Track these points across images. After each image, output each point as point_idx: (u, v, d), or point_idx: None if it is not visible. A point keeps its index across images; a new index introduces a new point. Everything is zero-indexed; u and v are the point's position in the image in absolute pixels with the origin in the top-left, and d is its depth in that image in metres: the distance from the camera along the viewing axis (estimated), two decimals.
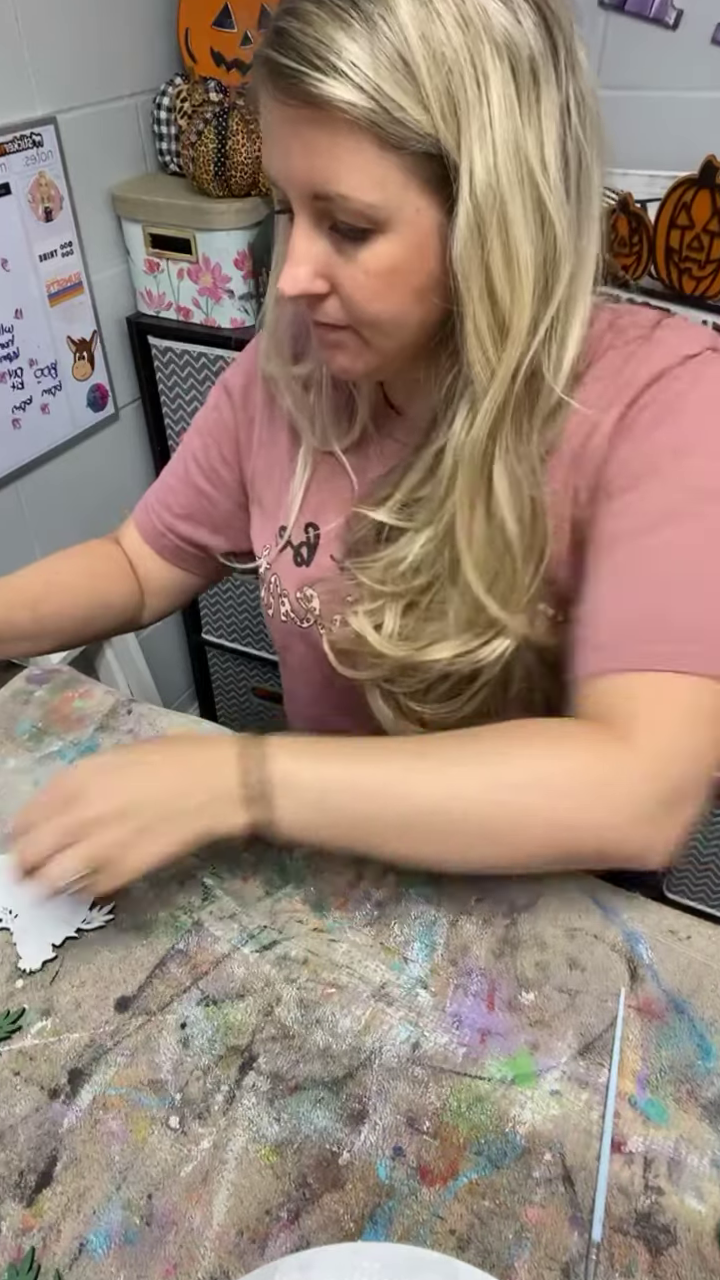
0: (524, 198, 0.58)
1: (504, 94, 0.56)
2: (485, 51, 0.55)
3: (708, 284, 1.31)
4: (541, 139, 0.58)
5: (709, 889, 1.78)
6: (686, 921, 0.68)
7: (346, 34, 0.54)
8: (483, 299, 0.59)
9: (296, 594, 0.84)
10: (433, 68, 0.54)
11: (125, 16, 1.48)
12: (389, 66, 0.54)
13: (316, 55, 0.54)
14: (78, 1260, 0.52)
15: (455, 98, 0.55)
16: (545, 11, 0.57)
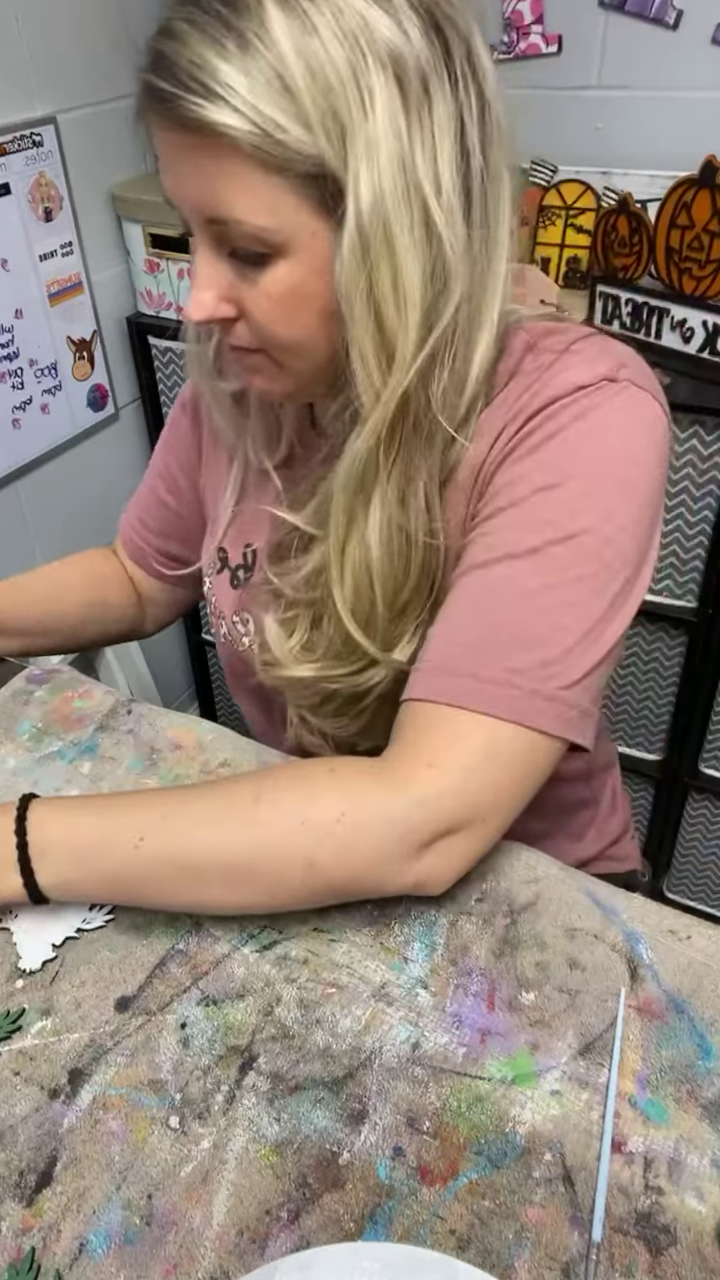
0: (412, 219, 0.56)
1: (390, 109, 0.53)
2: (368, 66, 0.52)
3: (708, 284, 1.31)
4: (434, 155, 0.55)
5: (709, 889, 1.78)
6: (686, 921, 0.68)
7: (221, 55, 0.52)
8: (367, 324, 0.58)
9: (233, 616, 0.83)
10: (312, 86, 0.52)
11: (125, 16, 1.49)
12: (267, 87, 0.52)
13: (192, 79, 0.52)
14: (78, 1260, 0.52)
15: (339, 116, 0.53)
16: (436, 16, 0.55)
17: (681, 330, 1.34)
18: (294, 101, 0.52)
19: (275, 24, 0.52)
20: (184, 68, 0.53)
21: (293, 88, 0.52)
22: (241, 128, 0.52)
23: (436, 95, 0.55)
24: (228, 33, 0.52)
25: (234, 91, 0.52)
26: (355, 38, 0.52)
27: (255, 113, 0.52)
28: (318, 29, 0.52)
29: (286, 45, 0.51)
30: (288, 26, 0.52)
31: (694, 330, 1.33)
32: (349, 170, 0.54)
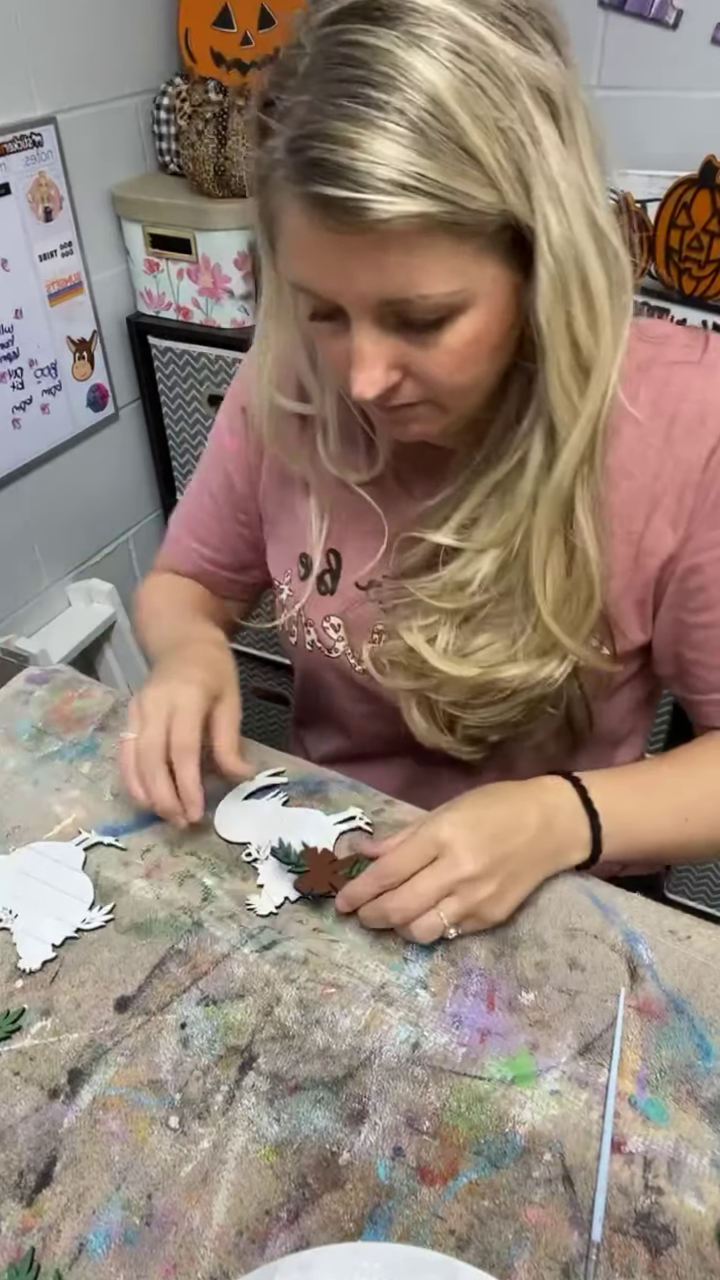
0: (592, 235, 0.57)
1: (554, 140, 0.53)
2: (529, 104, 0.52)
3: (708, 284, 1.31)
4: (584, 167, 0.56)
5: (709, 889, 1.78)
6: (686, 921, 0.68)
7: (394, 141, 0.49)
8: (566, 348, 0.59)
9: (323, 623, 0.83)
10: (492, 144, 0.51)
11: (125, 16, 1.48)
12: (452, 159, 0.50)
13: (374, 177, 0.50)
14: (78, 1260, 0.52)
15: (520, 166, 0.52)
16: (555, 36, 0.55)
17: None
18: (479, 166, 0.51)
19: (438, 88, 0.49)
20: (361, 169, 0.50)
21: (475, 152, 0.51)
22: (435, 210, 0.51)
23: (574, 107, 0.55)
24: (393, 115, 0.49)
25: (424, 178, 0.50)
26: (511, 82, 0.51)
27: (447, 190, 0.50)
28: (480, 84, 0.50)
29: (459, 110, 0.50)
30: (453, 88, 0.50)
31: None
32: (536, 215, 0.54)
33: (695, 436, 0.67)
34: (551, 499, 0.65)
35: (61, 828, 0.77)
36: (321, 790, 0.79)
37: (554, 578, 0.68)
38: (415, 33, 0.50)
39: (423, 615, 0.73)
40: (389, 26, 0.50)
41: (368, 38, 0.50)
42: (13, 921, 0.69)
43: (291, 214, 0.55)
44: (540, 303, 0.57)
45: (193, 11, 1.53)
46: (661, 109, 1.44)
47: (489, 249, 0.55)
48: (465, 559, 0.70)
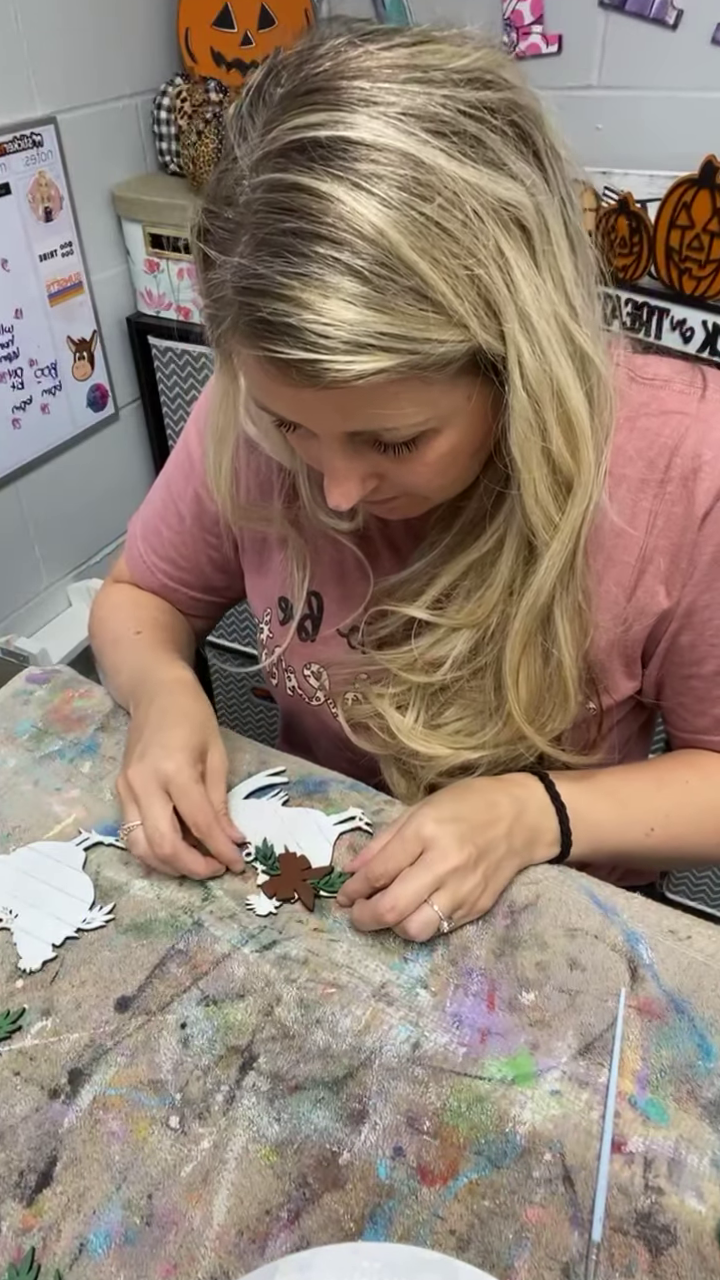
0: (569, 360, 0.54)
1: (526, 268, 0.50)
2: (496, 234, 0.48)
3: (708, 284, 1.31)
4: (564, 282, 0.53)
5: (709, 889, 1.78)
6: (686, 921, 0.68)
7: (347, 301, 0.46)
8: (543, 473, 0.57)
9: (304, 670, 0.82)
10: (455, 285, 0.48)
11: (125, 16, 1.48)
12: (412, 310, 0.47)
13: (329, 339, 0.47)
14: (78, 1260, 0.52)
15: (489, 302, 0.49)
16: (520, 124, 0.50)
17: (681, 330, 1.34)
18: (442, 310, 0.48)
19: (391, 238, 0.46)
20: (315, 331, 0.47)
21: (436, 297, 0.47)
22: (396, 364, 0.48)
23: (550, 217, 0.51)
24: (344, 272, 0.46)
25: (382, 334, 0.47)
26: (474, 215, 0.47)
27: (409, 343, 0.48)
28: (435, 221, 0.47)
29: (413, 256, 0.46)
30: (405, 235, 0.46)
31: (694, 330, 1.33)
32: (508, 344, 0.51)
33: (688, 493, 0.65)
34: (528, 610, 0.63)
35: (62, 827, 0.77)
36: (322, 790, 0.79)
37: (527, 680, 0.66)
38: (363, 174, 0.46)
39: (394, 684, 0.73)
40: (334, 170, 0.46)
41: (312, 182, 0.46)
42: (13, 921, 0.69)
43: (246, 361, 0.53)
44: (513, 435, 0.54)
45: (193, 11, 1.53)
46: (661, 109, 1.44)
47: (460, 376, 0.52)
48: (438, 635, 0.69)
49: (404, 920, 0.64)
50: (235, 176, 0.49)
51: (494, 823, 0.68)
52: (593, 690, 0.72)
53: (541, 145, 0.52)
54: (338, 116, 0.47)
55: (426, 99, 0.47)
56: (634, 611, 0.69)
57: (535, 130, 0.51)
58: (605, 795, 0.73)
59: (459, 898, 0.65)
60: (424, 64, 0.49)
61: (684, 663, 0.72)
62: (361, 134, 0.46)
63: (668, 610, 0.69)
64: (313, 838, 0.74)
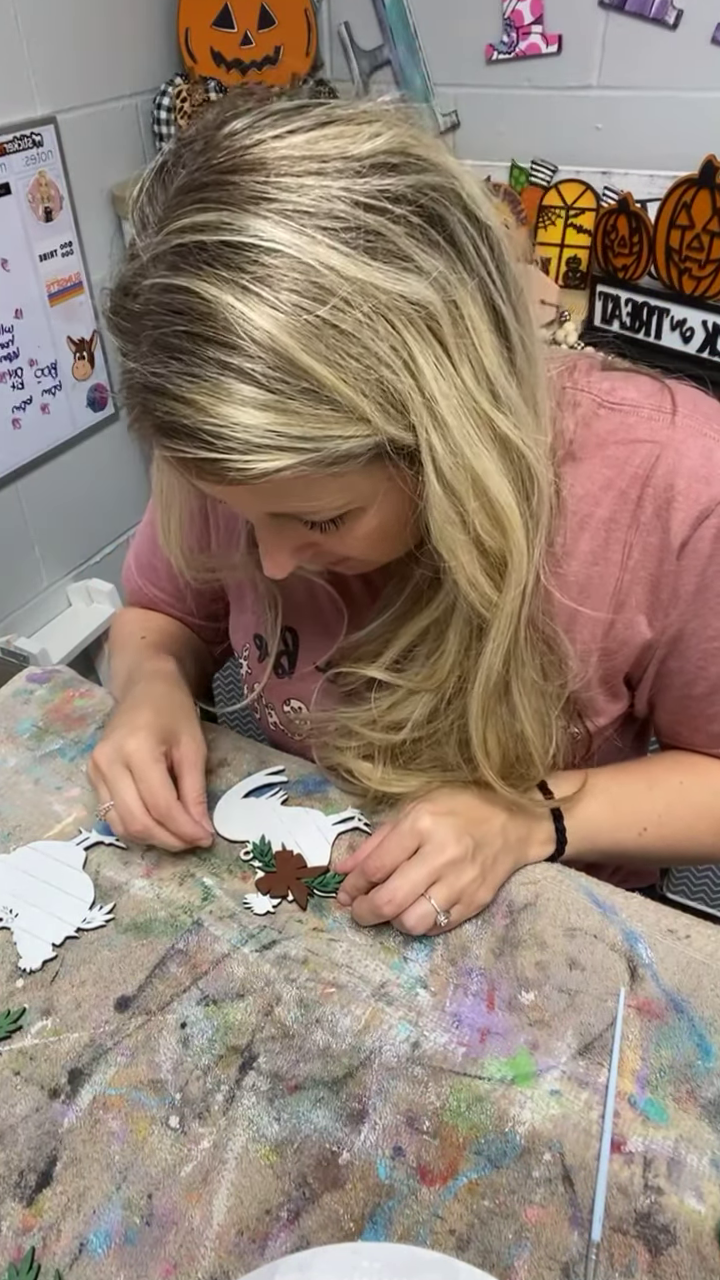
0: (489, 447, 0.52)
1: (433, 360, 0.49)
2: (399, 332, 0.47)
3: (708, 284, 1.32)
4: (483, 364, 0.51)
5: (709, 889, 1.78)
6: (686, 921, 0.68)
7: (241, 405, 0.46)
8: (470, 554, 0.55)
9: (284, 707, 0.82)
10: (357, 385, 0.47)
11: (125, 16, 1.49)
12: (309, 410, 0.47)
13: (225, 441, 0.46)
14: (78, 1260, 0.52)
15: (392, 395, 0.48)
16: (430, 210, 0.48)
17: (681, 330, 1.34)
18: (343, 410, 0.47)
19: (284, 343, 0.45)
20: (211, 433, 0.47)
21: (338, 399, 0.47)
22: (300, 461, 0.48)
23: (463, 300, 0.49)
24: (237, 375, 0.46)
25: (279, 435, 0.47)
26: (373, 314, 0.46)
27: (309, 443, 0.47)
28: (330, 323, 0.46)
29: (308, 360, 0.46)
30: (297, 339, 0.45)
31: (694, 330, 1.33)
32: (418, 438, 0.50)
33: (663, 524, 0.63)
34: (484, 686, 0.62)
35: (62, 827, 0.77)
36: (322, 790, 0.79)
37: (496, 747, 0.66)
38: (254, 276, 0.45)
39: (357, 739, 0.73)
40: (224, 272, 0.45)
41: (202, 287, 0.46)
42: (13, 921, 0.69)
43: (157, 450, 0.52)
44: (434, 525, 0.53)
45: (193, 11, 1.53)
46: (661, 109, 1.44)
47: (375, 463, 0.51)
48: (397, 696, 0.68)
49: (402, 914, 0.64)
50: (135, 268, 0.49)
51: (489, 818, 0.68)
52: (576, 716, 0.72)
53: (456, 225, 0.49)
54: (228, 218, 0.46)
55: (322, 193, 0.46)
56: (615, 643, 0.68)
57: (449, 210, 0.49)
58: (598, 795, 0.73)
59: (456, 890, 0.65)
60: (321, 153, 0.47)
61: (674, 685, 0.71)
62: (251, 238, 0.45)
63: (651, 640, 0.68)
64: (311, 837, 0.74)
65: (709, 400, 0.66)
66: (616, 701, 0.73)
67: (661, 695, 0.73)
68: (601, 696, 0.72)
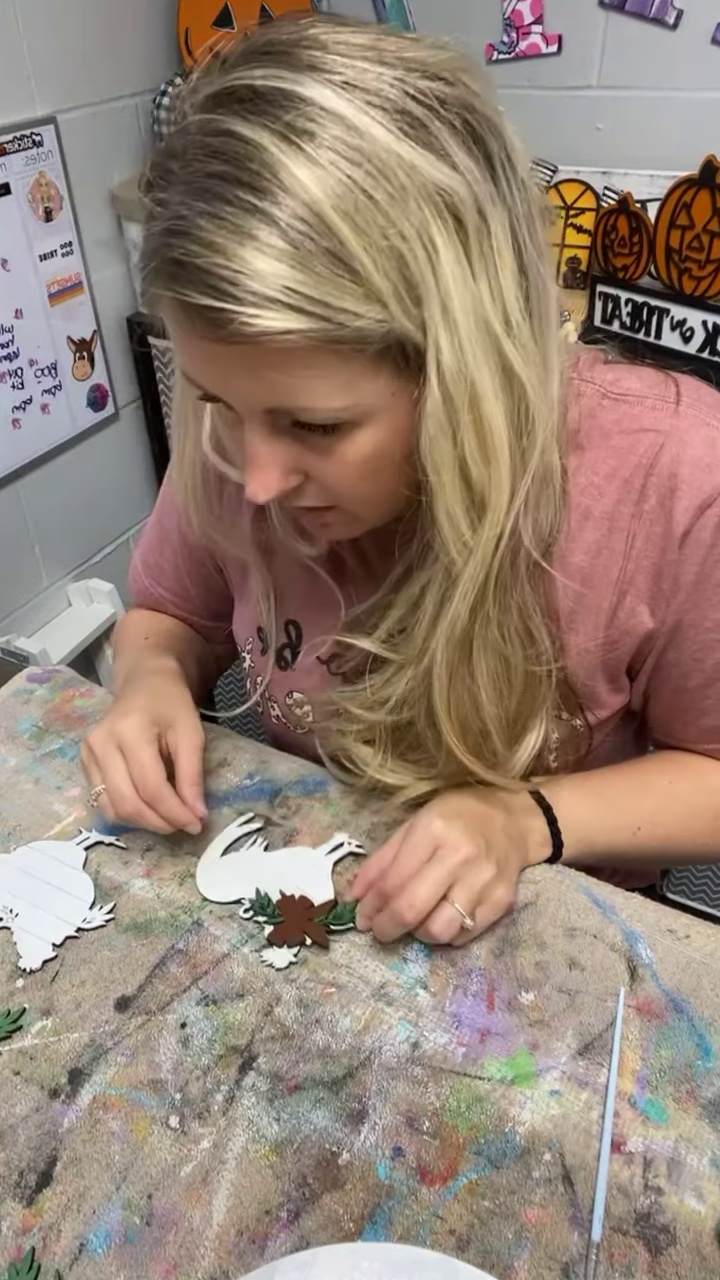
0: (492, 369, 0.52)
1: (455, 258, 0.48)
2: (426, 217, 0.47)
3: (708, 284, 1.32)
4: (500, 289, 0.51)
5: (709, 889, 1.78)
6: (686, 921, 0.68)
7: (263, 251, 0.45)
8: (455, 483, 0.54)
9: (286, 700, 0.81)
10: (377, 258, 0.46)
11: (125, 16, 1.49)
12: (329, 274, 0.46)
13: (239, 288, 0.45)
14: (78, 1260, 0.52)
15: (410, 284, 0.48)
16: (472, 122, 0.49)
17: (681, 330, 1.34)
18: (361, 283, 0.47)
19: (317, 196, 0.45)
20: (224, 276, 0.45)
21: (356, 266, 0.46)
22: (307, 327, 0.46)
23: (492, 217, 0.50)
24: (264, 221, 0.45)
25: (295, 292, 0.45)
26: (405, 191, 0.46)
27: (322, 308, 0.46)
28: (362, 188, 0.45)
29: (336, 219, 0.45)
30: (330, 196, 0.45)
31: (694, 330, 1.33)
32: (428, 336, 0.49)
33: (666, 513, 0.63)
34: (446, 641, 0.61)
35: (62, 826, 0.77)
36: (322, 789, 0.79)
37: (459, 717, 0.65)
38: (297, 128, 0.45)
39: (356, 721, 0.72)
40: (268, 120, 0.45)
41: (243, 129, 0.45)
42: (13, 920, 0.69)
43: (165, 311, 0.51)
44: (425, 434, 0.52)
45: (193, 11, 1.53)
46: (661, 109, 1.44)
47: (382, 363, 0.50)
48: (389, 672, 0.68)
49: (425, 922, 0.63)
50: (181, 133, 0.49)
51: (491, 817, 0.68)
52: (577, 709, 0.72)
53: (495, 153, 0.50)
54: (283, 73, 0.46)
55: (375, 76, 0.47)
56: (617, 633, 0.68)
57: (490, 137, 0.50)
58: (589, 797, 0.73)
59: (475, 889, 0.64)
60: (382, 48, 0.48)
61: (670, 677, 0.71)
62: (300, 90, 0.46)
63: (653, 630, 0.68)
64: (308, 874, 0.71)
65: (712, 392, 0.66)
66: (618, 694, 0.73)
67: (657, 687, 0.73)
68: (604, 688, 0.72)
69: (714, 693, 0.71)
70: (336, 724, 0.74)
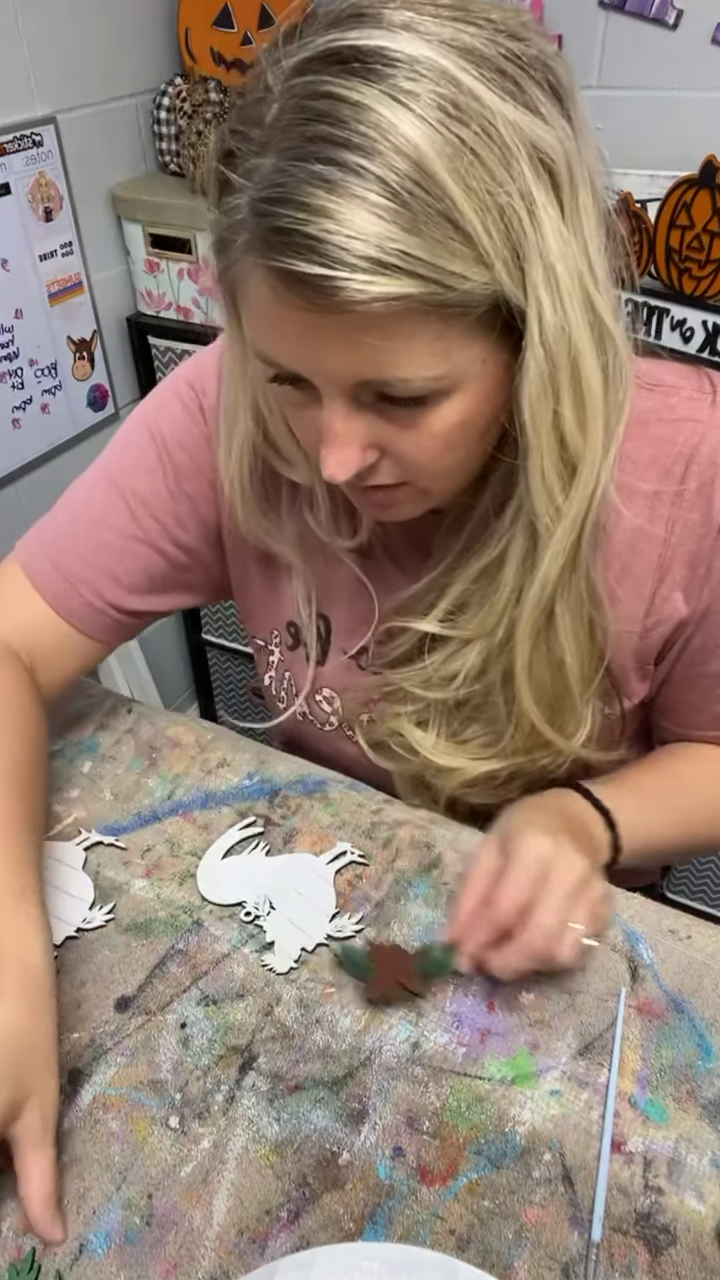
0: (589, 326, 0.52)
1: (553, 216, 0.48)
2: (528, 175, 0.47)
3: (708, 284, 1.31)
4: (588, 244, 0.51)
5: (709, 889, 1.78)
6: (686, 921, 0.68)
7: (374, 212, 0.44)
8: (551, 445, 0.54)
9: (315, 696, 0.80)
10: (485, 218, 0.46)
11: (125, 16, 1.48)
12: (439, 235, 0.45)
13: (350, 253, 0.44)
14: (78, 1260, 0.52)
15: (514, 243, 0.47)
16: (556, 87, 0.49)
17: (681, 330, 1.34)
18: (469, 241, 0.46)
19: (426, 154, 0.44)
20: (336, 243, 0.44)
21: (465, 226, 0.45)
22: (420, 292, 0.45)
23: (579, 175, 0.50)
24: (373, 182, 0.44)
25: (407, 255, 0.44)
26: (510, 149, 0.46)
27: (433, 270, 0.45)
28: (470, 146, 0.45)
29: (445, 177, 0.44)
30: (439, 154, 0.44)
31: (694, 330, 1.33)
32: (530, 299, 0.49)
33: (706, 500, 0.64)
34: (534, 603, 0.61)
35: (62, 827, 0.77)
36: (321, 789, 0.79)
37: (538, 683, 0.65)
38: (401, 88, 0.44)
39: (412, 702, 0.72)
40: (371, 80, 0.44)
41: (347, 91, 0.44)
42: None
43: (255, 284, 0.49)
44: (526, 396, 0.52)
45: (193, 11, 1.53)
46: (661, 109, 1.44)
47: (477, 328, 0.50)
48: (451, 648, 0.67)
49: (554, 950, 0.59)
50: (266, 99, 0.47)
51: (578, 831, 0.67)
52: (615, 696, 0.72)
53: (571, 109, 0.50)
54: (379, 33, 0.45)
55: (470, 36, 0.46)
56: (653, 621, 0.68)
57: (565, 94, 0.50)
58: (632, 796, 0.73)
59: (591, 908, 0.61)
60: (466, 7, 0.48)
61: (692, 662, 0.72)
62: (403, 49, 0.45)
63: (686, 618, 0.68)
64: (310, 882, 0.71)
65: None
66: (644, 682, 0.74)
67: (677, 673, 0.73)
68: (634, 673, 0.72)
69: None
70: (390, 707, 0.73)
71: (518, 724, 0.68)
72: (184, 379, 0.76)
